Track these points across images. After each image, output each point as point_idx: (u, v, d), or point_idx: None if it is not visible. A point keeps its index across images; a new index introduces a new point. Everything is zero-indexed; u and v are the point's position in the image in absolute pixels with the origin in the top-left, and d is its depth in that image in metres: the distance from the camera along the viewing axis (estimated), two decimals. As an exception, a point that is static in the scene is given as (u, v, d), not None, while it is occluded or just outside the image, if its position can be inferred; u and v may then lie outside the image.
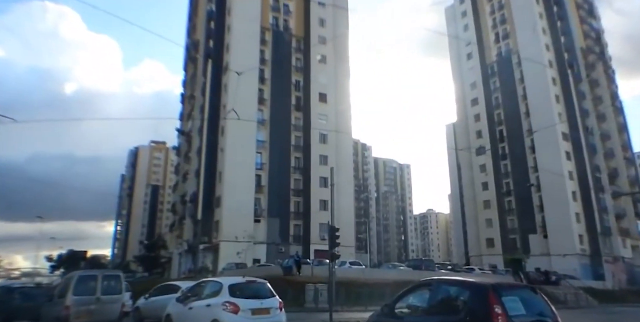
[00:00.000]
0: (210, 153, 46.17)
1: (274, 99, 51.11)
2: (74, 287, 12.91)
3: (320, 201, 49.10)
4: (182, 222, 47.85)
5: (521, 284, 8.54)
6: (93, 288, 13.05)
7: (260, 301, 10.44)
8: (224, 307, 9.96)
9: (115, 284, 13.75)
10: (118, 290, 13.66)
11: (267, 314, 10.37)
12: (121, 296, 13.74)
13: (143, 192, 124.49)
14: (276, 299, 10.75)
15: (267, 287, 11.03)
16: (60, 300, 13.01)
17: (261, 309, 10.32)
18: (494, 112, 66.43)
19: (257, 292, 10.78)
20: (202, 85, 50.97)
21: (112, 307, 13.14)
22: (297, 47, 55.32)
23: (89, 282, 13.28)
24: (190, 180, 47.69)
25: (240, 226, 41.18)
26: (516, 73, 63.44)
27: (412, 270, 33.43)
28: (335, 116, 53.36)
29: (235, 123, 45.85)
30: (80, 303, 12.57)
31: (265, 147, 48.84)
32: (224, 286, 10.60)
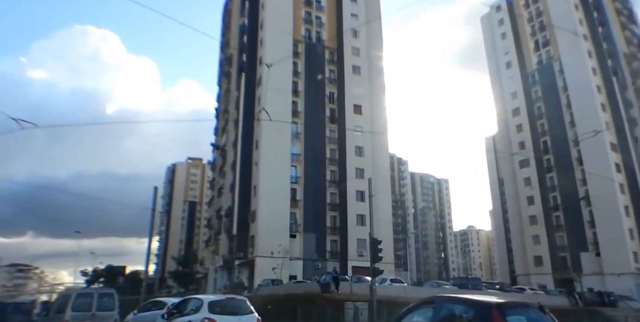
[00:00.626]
0: (244, 167, 45.59)
1: (308, 112, 50.40)
2: (73, 304, 14.36)
3: (357, 216, 47.55)
4: (217, 237, 47.21)
5: (528, 303, 6.80)
6: (89, 305, 14.44)
7: (238, 318, 10.81)
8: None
9: (109, 301, 15.13)
10: (112, 307, 14.95)
11: None
12: (114, 312, 14.93)
13: (180, 208, 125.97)
14: (254, 316, 11.15)
15: (246, 304, 11.56)
16: (59, 315, 14.38)
17: None
18: (537, 122, 63.67)
19: (236, 309, 11.24)
20: (235, 99, 50.88)
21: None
22: (330, 59, 54.74)
23: (86, 299, 14.82)
24: (225, 194, 47.16)
25: (275, 241, 40.04)
26: (559, 81, 60.98)
27: (458, 289, 31.15)
28: (371, 128, 51.99)
29: (270, 136, 45.47)
30: (78, 318, 13.87)
31: (300, 161, 47.91)
32: (204, 302, 11.14)
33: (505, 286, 38.98)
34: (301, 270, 42.38)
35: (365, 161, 50.32)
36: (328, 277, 25.93)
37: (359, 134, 51.44)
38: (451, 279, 46.74)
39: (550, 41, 63.08)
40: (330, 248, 46.19)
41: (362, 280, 29.00)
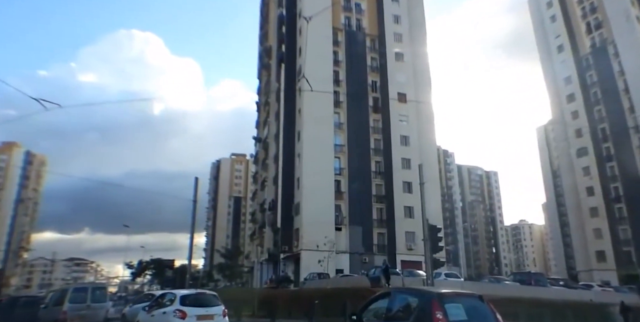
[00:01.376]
0: (287, 159, 44.70)
1: (351, 101, 48.90)
2: (70, 297, 16.36)
3: (404, 208, 45.70)
4: (262, 230, 46.64)
5: (467, 293, 7.82)
6: (84, 297, 16.39)
7: (206, 309, 12.24)
8: (174, 314, 11.83)
9: (101, 294, 17.29)
10: (104, 299, 17.23)
11: (211, 319, 12.15)
12: (106, 303, 17.28)
13: (226, 203, 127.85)
14: (220, 307, 12.61)
15: (213, 297, 13.09)
16: (57, 307, 16.23)
17: (206, 315, 12.09)
18: (594, 108, 59.49)
19: (204, 302, 12.62)
20: (276, 91, 50.08)
21: (99, 313, 16.55)
22: (371, 47, 52.95)
23: (81, 293, 16.80)
24: (269, 187, 46.48)
25: (321, 234, 38.87)
26: (614, 65, 57.18)
27: (520, 285, 28.79)
28: (417, 117, 49.88)
29: (312, 127, 44.34)
30: (74, 309, 15.80)
31: (344, 152, 46.52)
32: (177, 296, 12.57)
33: (569, 282, 36.04)
34: (347, 264, 41.09)
35: (411, 151, 48.28)
36: (378, 270, 24.43)
37: (404, 123, 49.54)
38: (510, 275, 43.96)
39: (603, 23, 59.25)
40: (377, 241, 44.59)
41: (413, 274, 27.33)
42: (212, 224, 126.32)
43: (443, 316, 6.33)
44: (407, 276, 26.15)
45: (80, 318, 15.97)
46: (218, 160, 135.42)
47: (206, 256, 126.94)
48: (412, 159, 47.80)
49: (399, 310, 7.32)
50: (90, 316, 16.31)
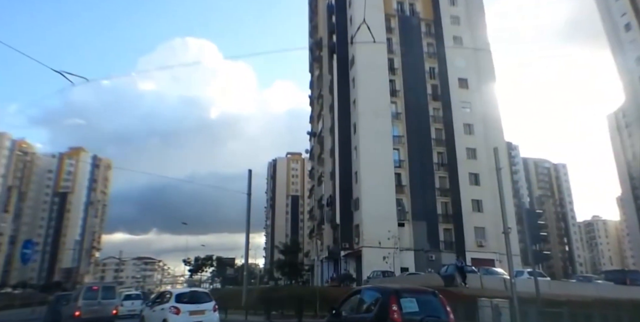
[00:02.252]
0: (343, 153, 42.84)
1: (408, 90, 46.27)
2: (83, 294, 18.81)
3: (472, 201, 42.54)
4: (320, 227, 45.11)
5: (423, 289, 9.07)
6: (96, 295, 18.76)
7: (197, 305, 13.73)
8: (170, 310, 13.33)
9: (111, 292, 19.61)
10: (113, 296, 19.52)
11: (202, 314, 13.65)
12: (115, 300, 19.68)
13: (284, 203, 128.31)
14: (211, 304, 14.07)
15: (206, 294, 14.89)
16: (74, 303, 18.83)
17: (197, 310, 13.60)
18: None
19: (197, 299, 14.14)
20: (329, 83, 48.38)
21: (108, 308, 18.80)
22: (427, 32, 50.01)
23: (93, 290, 19.23)
24: (326, 183, 44.86)
25: (382, 231, 36.66)
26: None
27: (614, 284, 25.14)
28: (480, 103, 46.34)
29: (368, 118, 42.26)
30: (87, 304, 18.28)
31: (403, 143, 43.98)
32: (173, 294, 14.20)
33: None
34: (412, 261, 38.55)
35: (476, 140, 44.90)
36: (451, 268, 22.00)
37: (467, 111, 46.24)
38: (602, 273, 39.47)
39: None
40: (443, 238, 41.70)
41: (490, 272, 24.55)
42: (270, 223, 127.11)
43: (398, 308, 7.59)
44: (485, 274, 23.42)
45: (92, 312, 18.49)
46: (274, 159, 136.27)
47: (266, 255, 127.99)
48: (477, 148, 44.56)
49: (366, 303, 8.64)
50: (101, 311, 18.74)
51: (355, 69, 44.81)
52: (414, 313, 7.65)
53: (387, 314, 7.54)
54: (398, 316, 7.45)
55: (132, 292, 30.67)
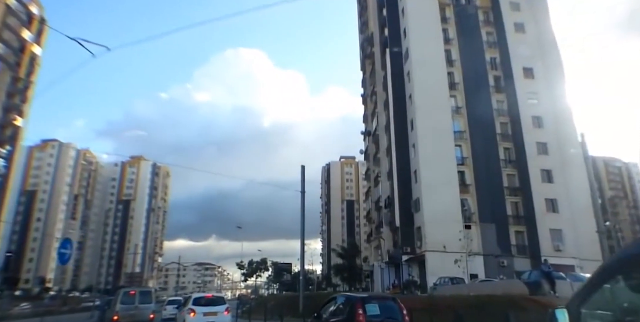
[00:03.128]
0: (400, 151, 40.37)
1: (468, 82, 43.20)
2: (121, 299, 19.16)
3: (545, 201, 38.72)
4: (379, 231, 42.73)
5: (384, 296, 13.09)
6: (133, 299, 19.08)
7: (211, 308, 15.94)
8: (188, 311, 15.75)
9: (148, 296, 19.96)
10: (150, 301, 19.79)
11: (215, 315, 15.77)
12: (152, 305, 19.77)
13: (339, 208, 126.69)
14: (224, 306, 16.28)
15: (220, 298, 17.53)
16: (113, 307, 19.20)
17: (210, 312, 15.79)
18: None
19: (212, 302, 16.42)
20: (382, 79, 46.14)
21: (145, 313, 18.90)
22: (485, 20, 46.76)
23: (130, 295, 19.51)
24: (383, 183, 42.52)
25: (447, 234, 33.76)
26: None
27: None
28: (548, 94, 42.36)
29: (426, 114, 39.63)
30: (125, 309, 18.51)
31: (465, 139, 40.90)
32: (192, 298, 17.02)
33: None
34: (482, 267, 35.28)
35: (546, 133, 41.02)
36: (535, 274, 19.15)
37: (534, 102, 42.42)
38: None
39: None
40: (515, 241, 38.11)
41: (579, 278, 21.35)
42: (326, 228, 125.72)
43: (363, 311, 9.41)
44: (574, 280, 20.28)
45: (130, 317, 18.78)
46: (328, 163, 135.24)
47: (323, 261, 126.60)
48: (548, 143, 40.68)
49: (339, 308, 10.64)
50: (138, 316, 19.01)
51: (410, 63, 42.36)
52: (376, 316, 9.41)
53: (355, 317, 9.24)
54: (363, 318, 9.14)
55: (175, 298, 32.92)
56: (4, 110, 56.19)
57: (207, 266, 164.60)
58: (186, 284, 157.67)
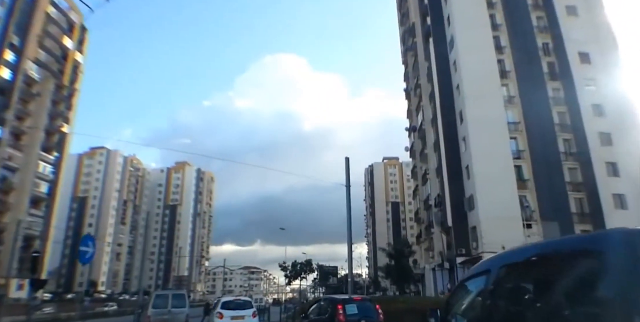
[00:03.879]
0: (450, 146, 37.79)
1: (520, 70, 40.01)
2: (153, 302, 18.49)
3: (613, 196, 35.01)
4: (429, 231, 40.16)
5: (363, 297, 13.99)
6: (165, 303, 18.16)
7: (238, 311, 16.30)
8: (216, 315, 16.25)
9: (181, 300, 18.93)
10: (183, 305, 18.81)
11: (242, 319, 16.10)
12: (186, 309, 18.75)
13: (384, 210, 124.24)
14: (251, 310, 16.61)
15: (248, 301, 17.80)
16: (146, 311, 18.72)
17: (238, 316, 16.15)
18: None
19: (239, 306, 16.75)
20: (426, 70, 43.69)
21: (178, 317, 18.16)
22: (534, 4, 43.46)
23: (162, 299, 18.58)
24: (432, 181, 39.99)
25: (506, 233, 30.90)
26: None
27: None
28: (607, 79, 38.53)
29: (476, 104, 36.86)
30: (157, 313, 17.73)
31: (520, 130, 37.81)
32: (220, 301, 17.79)
33: None
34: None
35: (609, 122, 37.19)
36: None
37: (592, 89, 38.75)
38: None
39: None
40: (582, 241, 34.59)
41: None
42: (371, 231, 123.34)
43: (343, 312, 11.02)
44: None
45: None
46: (370, 165, 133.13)
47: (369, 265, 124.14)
48: (612, 132, 36.88)
49: (323, 310, 12.39)
50: (171, 320, 18.00)
51: (456, 51, 39.75)
52: (354, 315, 11.15)
53: (335, 316, 11.01)
54: (343, 317, 10.89)
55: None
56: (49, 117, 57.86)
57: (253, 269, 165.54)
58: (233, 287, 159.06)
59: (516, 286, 3.52)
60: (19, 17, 53.32)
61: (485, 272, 3.83)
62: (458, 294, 4.64)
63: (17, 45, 53.09)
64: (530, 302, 3.23)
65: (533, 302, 3.18)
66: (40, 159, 57.17)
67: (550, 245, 3.63)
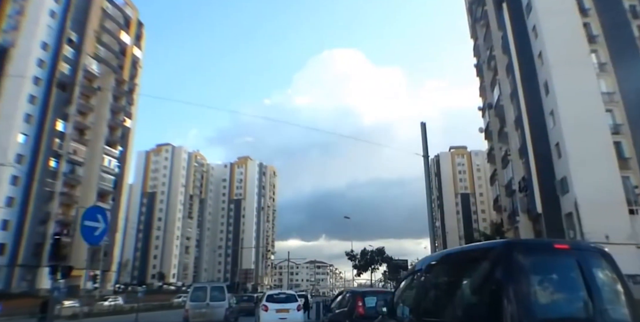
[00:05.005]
0: (534, 121, 32.97)
1: (609, 34, 34.23)
2: (191, 296, 18.29)
3: None
4: (513, 220, 35.50)
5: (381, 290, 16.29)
6: (204, 296, 17.71)
7: (283, 304, 16.62)
8: (262, 307, 16.66)
9: (220, 293, 18.33)
10: (222, 298, 18.06)
11: (287, 312, 16.36)
12: (225, 302, 18.00)
13: (452, 202, 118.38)
14: (296, 303, 16.78)
15: (292, 295, 17.81)
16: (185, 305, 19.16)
17: (282, 309, 16.46)
18: None
19: (284, 299, 17.02)
20: (500, 40, 38.88)
21: (218, 311, 17.57)
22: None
23: (201, 292, 18.24)
24: (514, 162, 35.27)
25: (607, 220, 26.12)
26: None
27: None
28: None
29: (563, 73, 31.68)
30: (196, 307, 17.43)
31: (616, 101, 32.24)
32: (265, 295, 18.32)
33: None
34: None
35: None
36: None
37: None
38: None
39: None
40: None
41: None
42: (440, 224, 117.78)
43: (362, 304, 11.78)
44: None
45: (200, 316, 17.18)
46: (437, 155, 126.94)
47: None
48: None
49: (345, 301, 13.13)
50: (209, 315, 17.22)
51: (535, 15, 34.73)
52: (373, 308, 11.20)
53: (355, 308, 11.90)
54: (362, 310, 11.68)
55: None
56: (111, 112, 58.95)
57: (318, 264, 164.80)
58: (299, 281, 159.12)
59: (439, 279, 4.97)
60: (75, 13, 54.50)
61: (418, 270, 5.59)
62: (401, 288, 6.23)
63: (75, 41, 54.34)
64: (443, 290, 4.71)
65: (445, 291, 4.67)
66: (104, 153, 58.45)
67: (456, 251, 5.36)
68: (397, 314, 5.71)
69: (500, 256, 3.77)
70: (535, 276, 3.72)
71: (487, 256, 3.99)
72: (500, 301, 3.46)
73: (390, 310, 5.97)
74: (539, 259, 3.87)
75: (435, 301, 4.69)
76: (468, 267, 4.32)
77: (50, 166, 51.00)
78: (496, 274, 3.69)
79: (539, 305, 3.55)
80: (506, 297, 3.44)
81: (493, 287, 3.66)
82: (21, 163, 47.69)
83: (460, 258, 4.69)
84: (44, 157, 49.85)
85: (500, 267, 3.69)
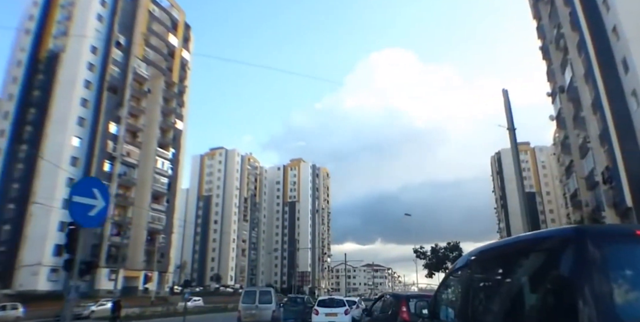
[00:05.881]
0: (615, 103, 28.74)
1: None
2: (242, 299, 20.55)
3: None
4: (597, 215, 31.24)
5: (421, 294, 13.46)
6: (253, 299, 19.88)
7: (332, 309, 18.78)
8: (313, 311, 19.07)
9: (268, 296, 20.15)
10: (270, 301, 19.92)
11: (335, 316, 18.35)
12: (272, 304, 19.83)
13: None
14: (344, 308, 18.92)
15: (341, 300, 20.25)
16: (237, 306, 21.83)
17: (332, 313, 18.50)
18: None
19: (333, 304, 19.42)
20: (568, 17, 34.72)
21: (266, 313, 19.42)
22: None
23: (251, 295, 20.37)
24: (595, 150, 31.00)
25: None
26: None
27: None
28: None
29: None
30: (247, 308, 19.66)
31: None
32: (317, 300, 21.56)
33: None
34: None
35: None
36: None
37: None
38: None
39: None
40: None
41: None
42: (505, 226, 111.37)
43: (406, 308, 10.81)
44: None
45: (250, 317, 19.07)
46: (498, 152, 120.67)
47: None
48: None
49: (386, 305, 12.44)
50: (258, 316, 19.00)
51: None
52: None
53: (399, 314, 10.92)
54: (407, 315, 10.67)
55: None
56: (162, 114, 59.49)
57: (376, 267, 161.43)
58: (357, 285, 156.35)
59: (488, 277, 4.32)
60: (122, 16, 55.54)
61: (464, 265, 4.85)
62: (444, 288, 5.55)
63: (124, 44, 55.31)
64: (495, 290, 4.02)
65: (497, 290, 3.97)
66: (157, 155, 59.05)
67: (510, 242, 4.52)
68: (441, 317, 5.18)
69: (571, 246, 3.06)
70: (615, 270, 2.98)
71: (553, 246, 3.33)
72: (573, 302, 2.77)
73: (432, 313, 5.46)
74: (619, 248, 3.13)
75: (486, 302, 4.15)
76: (527, 260, 3.67)
77: (105, 168, 52.11)
78: (565, 268, 3.04)
79: (622, 307, 2.79)
80: (581, 298, 2.75)
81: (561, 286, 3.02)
82: (76, 166, 49.09)
83: (517, 249, 3.94)
84: (98, 159, 51.06)
85: (570, 259, 3.02)
